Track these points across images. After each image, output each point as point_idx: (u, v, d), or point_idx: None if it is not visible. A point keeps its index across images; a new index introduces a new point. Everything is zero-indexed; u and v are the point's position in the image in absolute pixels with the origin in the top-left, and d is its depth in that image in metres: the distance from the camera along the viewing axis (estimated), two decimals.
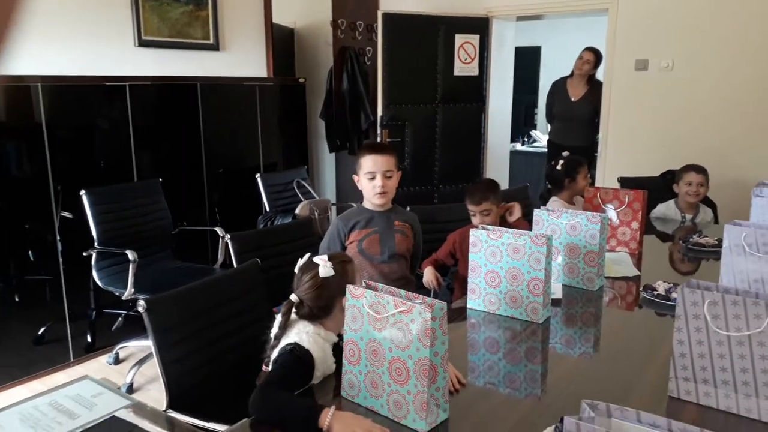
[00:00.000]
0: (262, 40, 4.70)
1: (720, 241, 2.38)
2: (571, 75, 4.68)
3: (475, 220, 2.53)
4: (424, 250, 2.81)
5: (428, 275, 2.53)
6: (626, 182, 3.58)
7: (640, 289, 2.17)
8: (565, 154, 3.36)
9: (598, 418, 0.91)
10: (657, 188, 3.33)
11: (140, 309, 1.65)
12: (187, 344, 1.73)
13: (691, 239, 2.76)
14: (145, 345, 3.26)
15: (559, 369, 1.65)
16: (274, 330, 1.55)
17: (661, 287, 2.09)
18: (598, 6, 4.26)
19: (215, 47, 4.24)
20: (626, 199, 2.66)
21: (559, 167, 3.19)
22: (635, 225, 2.63)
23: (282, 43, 5.23)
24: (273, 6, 4.68)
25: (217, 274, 1.84)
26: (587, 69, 4.56)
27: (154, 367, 3.03)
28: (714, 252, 2.51)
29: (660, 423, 0.88)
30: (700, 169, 3.17)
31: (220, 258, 3.46)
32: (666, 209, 3.32)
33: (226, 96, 4.22)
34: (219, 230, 3.45)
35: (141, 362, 3.10)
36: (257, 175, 4.04)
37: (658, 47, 4.04)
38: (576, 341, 1.83)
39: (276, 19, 4.95)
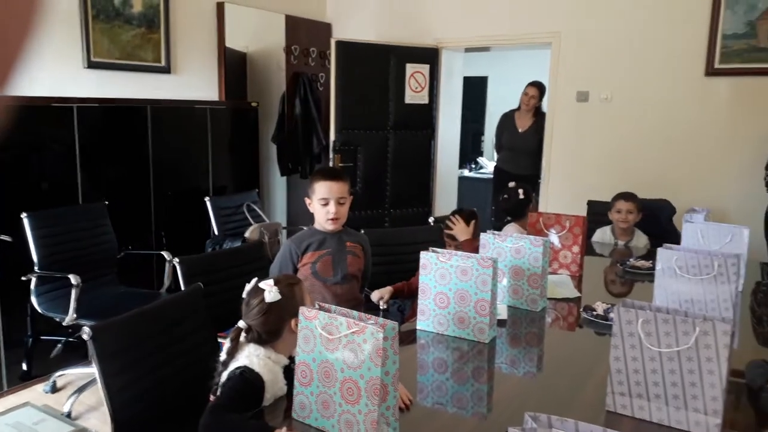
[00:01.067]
0: (215, 63, 4.71)
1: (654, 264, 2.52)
2: (519, 108, 4.88)
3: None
4: (376, 273, 2.85)
5: (379, 293, 2.53)
6: (593, 205, 3.71)
7: (581, 309, 2.27)
8: (512, 184, 3.48)
9: (540, 429, 0.96)
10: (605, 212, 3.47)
11: (85, 336, 1.61)
12: (132, 371, 1.68)
13: (627, 262, 2.90)
14: (86, 372, 3.15)
15: (504, 387, 1.70)
16: (222, 355, 1.54)
17: (600, 308, 2.19)
18: (542, 40, 4.47)
19: (167, 70, 4.21)
20: (567, 225, 2.78)
21: (521, 196, 3.28)
22: (576, 249, 2.76)
23: (234, 67, 5.24)
24: (226, 30, 4.70)
25: (162, 299, 1.81)
26: (533, 104, 4.77)
27: (94, 395, 2.96)
28: (649, 274, 2.65)
29: (596, 431, 0.94)
30: (628, 197, 3.34)
31: (167, 282, 3.39)
32: (602, 234, 3.48)
33: (176, 119, 4.19)
34: (166, 254, 3.39)
35: (80, 390, 2.99)
36: (206, 198, 4.00)
37: (598, 80, 4.26)
38: (520, 360, 1.90)
39: (229, 43, 4.97)
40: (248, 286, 1.64)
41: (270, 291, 1.57)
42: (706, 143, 3.93)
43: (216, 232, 3.97)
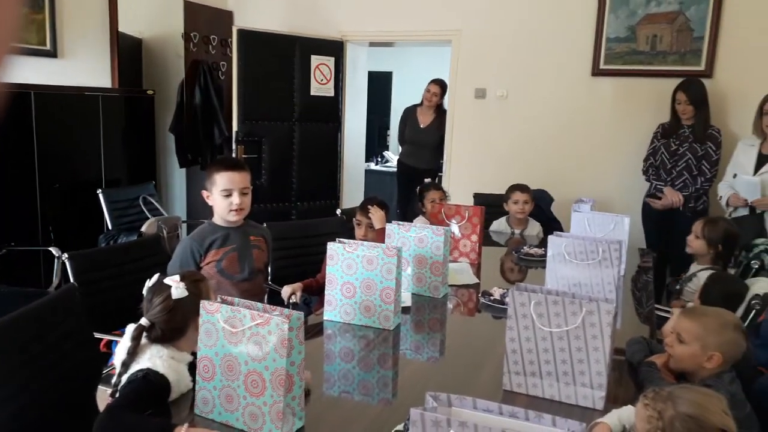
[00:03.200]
0: (107, 48, 4.44)
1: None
2: (421, 103, 4.99)
3: (359, 231, 2.75)
4: (280, 267, 2.83)
5: (290, 288, 2.50)
6: (481, 198, 3.90)
7: (479, 295, 2.38)
8: (427, 180, 3.61)
9: (440, 407, 1.00)
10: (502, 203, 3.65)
11: None
12: (3, 389, 1.51)
13: (522, 250, 3.07)
14: None
15: (408, 372, 1.75)
16: (121, 356, 1.46)
17: (496, 293, 2.30)
18: (442, 37, 4.60)
19: (52, 54, 3.93)
20: (467, 215, 2.89)
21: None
22: (474, 238, 2.88)
23: (129, 53, 4.97)
24: (119, 14, 4.44)
25: (32, 303, 1.64)
26: (435, 100, 4.90)
27: None
28: (541, 261, 2.81)
29: (492, 408, 1.00)
30: (524, 189, 3.54)
31: (56, 280, 3.18)
32: (499, 225, 3.66)
33: (64, 106, 3.91)
34: (54, 250, 3.17)
35: None
36: (99, 191, 3.78)
37: (495, 77, 4.45)
38: (424, 345, 1.96)
39: (122, 27, 4.70)
40: (150, 282, 1.56)
41: (177, 287, 1.51)
42: (592, 138, 4.22)
43: (110, 227, 3.76)
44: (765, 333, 1.88)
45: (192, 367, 1.51)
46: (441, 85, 4.86)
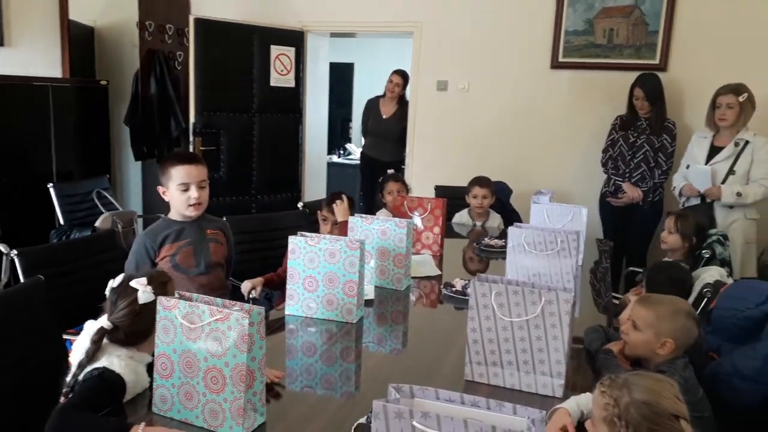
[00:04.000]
0: (57, 37, 4.28)
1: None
2: (384, 95, 4.97)
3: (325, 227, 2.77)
4: (240, 261, 2.78)
5: (250, 283, 2.47)
6: (441, 190, 3.92)
7: (441, 286, 2.39)
8: (390, 171, 3.61)
9: (403, 399, 1.00)
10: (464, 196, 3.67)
11: None
12: None
13: (483, 241, 3.10)
14: None
15: (371, 364, 1.75)
16: (78, 357, 1.41)
17: (458, 284, 2.32)
18: (404, 29, 4.59)
19: None
20: (429, 207, 2.90)
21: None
22: (437, 230, 2.89)
23: (80, 42, 4.80)
24: (70, 1, 4.28)
25: None
26: (398, 91, 4.89)
27: None
28: (501, 252, 2.85)
29: (454, 398, 1.00)
30: (482, 183, 3.57)
31: (4, 278, 3.05)
32: (461, 216, 3.69)
33: (11, 96, 3.76)
34: (2, 247, 3.03)
35: None
36: (50, 185, 3.64)
37: (456, 70, 4.47)
38: (387, 338, 1.96)
39: (73, 15, 4.54)
40: (114, 283, 1.51)
41: (144, 291, 1.46)
42: (551, 130, 4.28)
43: (62, 222, 3.63)
44: (716, 320, 1.94)
45: (150, 367, 1.47)
46: (403, 75, 4.86)
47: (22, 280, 2.08)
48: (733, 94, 3.19)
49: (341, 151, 7.33)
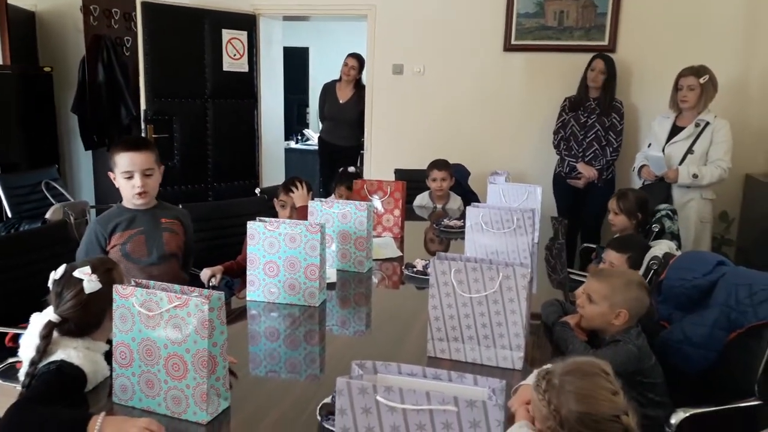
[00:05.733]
0: None
1: None
2: (340, 79, 4.93)
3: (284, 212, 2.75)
4: (203, 249, 2.74)
5: (210, 270, 2.43)
6: (400, 173, 3.93)
7: (403, 267, 2.42)
8: (351, 169, 3.56)
9: (366, 375, 1.01)
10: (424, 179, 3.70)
11: None
12: None
13: (442, 222, 3.14)
14: None
15: (335, 347, 1.76)
16: (29, 354, 1.37)
17: (419, 264, 2.35)
18: (358, 11, 4.56)
19: None
20: (389, 190, 2.92)
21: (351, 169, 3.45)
22: (397, 212, 2.91)
23: (20, 27, 4.60)
24: None
25: None
26: (354, 74, 4.85)
27: None
28: (461, 232, 2.88)
29: (416, 371, 1.02)
30: (441, 166, 3.59)
31: None
32: (422, 199, 3.72)
33: None
34: None
35: None
36: None
37: (411, 53, 4.47)
38: (350, 320, 1.97)
39: (12, 0, 4.34)
40: (55, 274, 1.45)
41: (89, 281, 1.41)
42: (505, 112, 4.34)
43: (9, 215, 3.50)
44: (666, 290, 2.02)
45: (108, 356, 1.44)
46: (358, 58, 4.82)
47: None
48: (694, 76, 3.24)
49: (299, 137, 7.25)
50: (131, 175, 2.12)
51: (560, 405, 1.12)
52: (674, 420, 1.61)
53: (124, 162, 2.11)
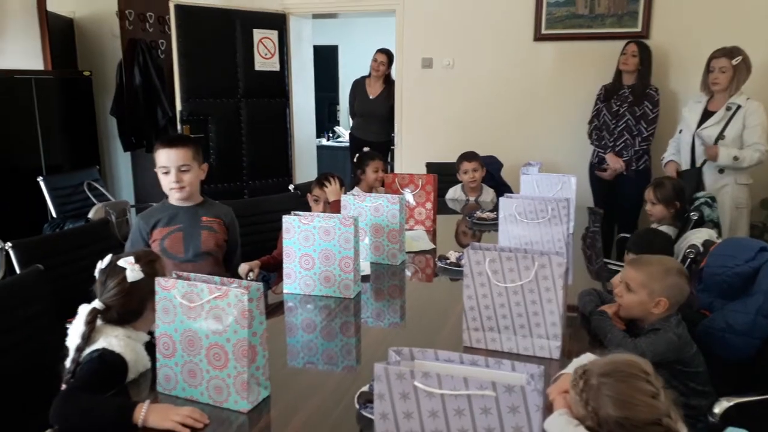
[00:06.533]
0: (36, 29, 4.22)
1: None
2: (369, 75, 4.95)
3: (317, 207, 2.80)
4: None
5: (247, 266, 2.47)
6: (432, 167, 3.93)
7: (436, 259, 2.42)
8: (366, 149, 3.57)
9: (403, 361, 1.03)
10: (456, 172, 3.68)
11: None
12: None
13: (475, 215, 3.12)
14: None
15: (371, 338, 1.77)
16: (75, 341, 1.42)
17: (452, 256, 2.34)
18: (386, 7, 4.56)
19: None
20: (420, 183, 2.92)
21: (355, 160, 3.42)
22: (429, 205, 2.91)
23: (60, 34, 4.74)
24: None
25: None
26: (383, 70, 4.86)
27: None
28: (494, 224, 2.87)
29: (454, 358, 1.02)
30: (470, 157, 3.57)
31: (0, 272, 3.05)
32: (455, 192, 3.70)
33: None
34: None
35: None
36: (39, 178, 3.62)
37: (440, 47, 4.45)
38: (385, 312, 1.98)
39: (51, 7, 4.48)
40: (102, 264, 1.52)
41: (132, 270, 1.47)
42: (538, 103, 4.29)
43: (54, 215, 3.62)
44: (707, 278, 1.98)
45: (149, 347, 1.49)
46: (387, 54, 4.83)
47: (17, 272, 2.08)
48: (726, 57, 3.14)
49: (330, 134, 7.30)
50: (168, 171, 2.17)
51: (598, 407, 1.10)
52: (717, 409, 1.58)
53: (161, 158, 2.17)
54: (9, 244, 2.10)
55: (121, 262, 1.49)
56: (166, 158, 2.16)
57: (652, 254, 1.82)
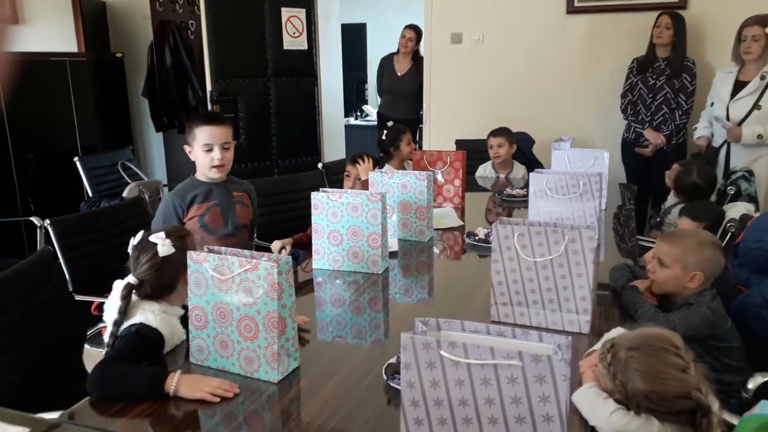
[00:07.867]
0: (69, 12, 4.29)
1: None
2: (398, 51, 4.90)
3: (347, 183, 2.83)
4: (266, 223, 2.82)
5: (280, 243, 2.50)
6: (461, 144, 3.90)
7: (464, 236, 2.41)
8: (390, 124, 3.54)
9: (430, 332, 1.03)
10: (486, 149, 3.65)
11: None
12: None
13: (504, 192, 3.09)
14: None
15: (398, 313, 1.79)
16: (113, 315, 1.46)
17: (481, 233, 2.33)
18: None
19: (14, 20, 3.79)
20: (448, 160, 2.90)
21: (384, 137, 3.39)
22: (457, 182, 2.89)
23: (93, 16, 4.81)
24: None
25: (10, 268, 1.64)
26: (411, 46, 4.81)
27: None
28: (524, 201, 2.83)
29: (480, 328, 1.02)
30: (497, 133, 3.53)
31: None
32: (484, 170, 3.67)
33: (31, 73, 3.80)
34: (35, 219, 3.13)
35: None
36: (75, 159, 3.72)
37: (469, 21, 4.38)
38: (413, 288, 1.99)
39: None
40: (135, 240, 1.55)
41: (163, 245, 1.50)
42: (570, 77, 4.20)
43: (90, 194, 3.72)
44: (744, 253, 1.93)
45: (184, 320, 1.52)
46: (416, 30, 4.77)
47: (57, 248, 2.15)
48: (759, 25, 3.05)
49: (358, 113, 7.29)
50: (211, 148, 2.17)
51: (626, 381, 1.10)
52: (751, 385, 1.54)
53: (204, 135, 2.16)
54: (47, 221, 2.16)
55: (152, 238, 1.52)
56: (210, 135, 2.16)
57: (707, 218, 1.76)
